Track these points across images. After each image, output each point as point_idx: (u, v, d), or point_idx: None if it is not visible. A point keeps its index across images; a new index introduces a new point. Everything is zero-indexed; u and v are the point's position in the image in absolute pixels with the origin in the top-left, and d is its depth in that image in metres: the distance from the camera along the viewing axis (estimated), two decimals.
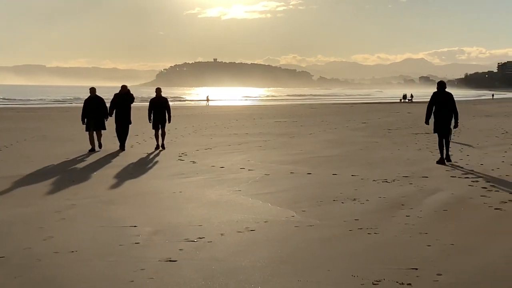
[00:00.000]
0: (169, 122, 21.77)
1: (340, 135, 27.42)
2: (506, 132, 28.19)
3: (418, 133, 27.18)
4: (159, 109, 21.50)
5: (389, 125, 32.35)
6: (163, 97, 21.88)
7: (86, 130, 21.09)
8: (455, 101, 17.13)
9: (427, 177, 14.42)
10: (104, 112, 21.27)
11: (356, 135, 27.37)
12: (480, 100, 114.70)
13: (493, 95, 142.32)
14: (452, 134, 18.20)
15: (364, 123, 36.72)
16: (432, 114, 17.23)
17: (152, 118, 21.50)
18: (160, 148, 21.08)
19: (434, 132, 17.39)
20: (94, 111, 21.08)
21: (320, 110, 61.82)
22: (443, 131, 17.09)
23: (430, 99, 17.30)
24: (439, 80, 17.85)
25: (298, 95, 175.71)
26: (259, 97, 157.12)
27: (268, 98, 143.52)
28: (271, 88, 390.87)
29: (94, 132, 20.95)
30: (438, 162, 17.05)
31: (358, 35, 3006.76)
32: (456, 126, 17.15)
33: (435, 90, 17.31)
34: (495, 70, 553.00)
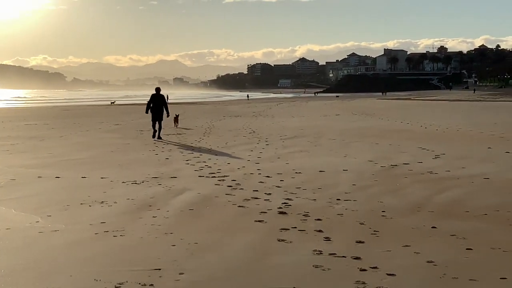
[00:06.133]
0: None
1: (92, 137, 27.07)
2: (253, 132, 29.50)
3: (170, 134, 27.67)
4: None
5: (142, 127, 32.42)
6: None
7: None
8: (166, 100, 26.23)
9: (176, 177, 14.70)
10: None
11: (108, 137, 27.18)
12: (233, 101, 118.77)
13: (248, 96, 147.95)
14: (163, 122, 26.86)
15: (117, 124, 36.50)
16: (150, 109, 26.13)
17: None
18: None
19: (152, 120, 25.98)
20: None
21: (73, 112, 60.51)
22: (156, 119, 25.72)
23: (150, 98, 26.38)
24: (156, 86, 27.25)
25: (51, 97, 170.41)
26: (9, 99, 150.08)
27: (19, 100, 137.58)
28: (23, 90, 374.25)
29: None
30: (153, 137, 25.31)
31: (109, 36, 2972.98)
32: (168, 115, 26.30)
33: (153, 92, 26.77)
34: (245, 72, 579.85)
